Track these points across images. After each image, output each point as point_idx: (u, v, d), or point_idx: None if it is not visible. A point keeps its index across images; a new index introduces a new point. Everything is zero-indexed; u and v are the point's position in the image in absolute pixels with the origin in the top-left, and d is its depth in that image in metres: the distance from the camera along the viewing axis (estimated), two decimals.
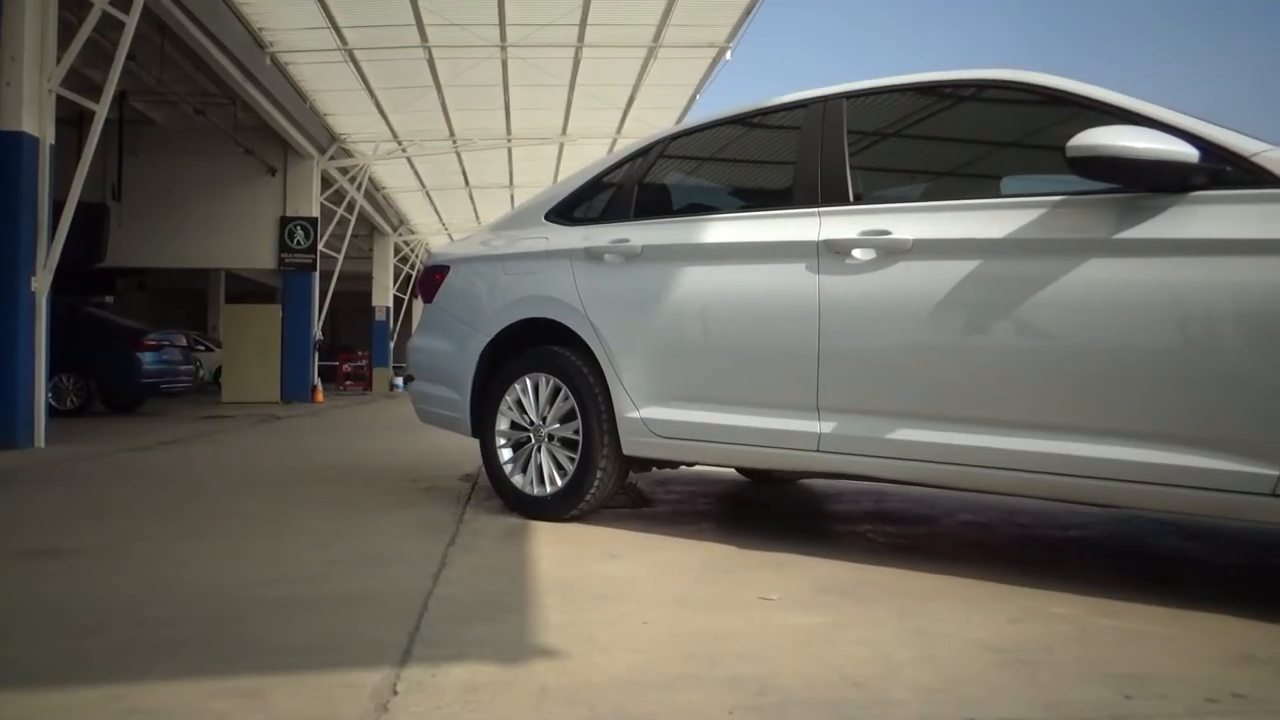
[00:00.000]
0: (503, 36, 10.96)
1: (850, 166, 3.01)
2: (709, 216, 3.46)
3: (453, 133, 14.86)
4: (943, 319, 2.64)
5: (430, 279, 4.24)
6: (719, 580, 2.62)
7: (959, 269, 2.63)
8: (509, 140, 15.18)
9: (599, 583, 2.59)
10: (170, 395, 12.49)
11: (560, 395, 3.54)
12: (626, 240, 3.46)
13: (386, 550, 3.03)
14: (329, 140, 15.00)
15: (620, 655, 1.94)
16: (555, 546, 3.08)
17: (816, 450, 2.90)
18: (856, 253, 2.83)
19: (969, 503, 4.04)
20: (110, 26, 7.70)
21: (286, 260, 14.87)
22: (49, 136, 6.96)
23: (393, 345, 23.70)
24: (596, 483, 3.41)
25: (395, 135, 15.04)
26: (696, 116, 4.24)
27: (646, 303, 3.34)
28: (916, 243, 2.72)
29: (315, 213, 15.00)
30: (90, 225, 12.12)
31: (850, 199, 2.96)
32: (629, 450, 3.37)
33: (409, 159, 16.52)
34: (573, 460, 3.46)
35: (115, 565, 2.81)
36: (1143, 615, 2.24)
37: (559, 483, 3.50)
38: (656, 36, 11.00)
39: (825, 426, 2.88)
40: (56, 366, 8.80)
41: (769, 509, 4.03)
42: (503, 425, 3.70)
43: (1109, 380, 2.38)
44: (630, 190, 3.68)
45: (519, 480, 3.62)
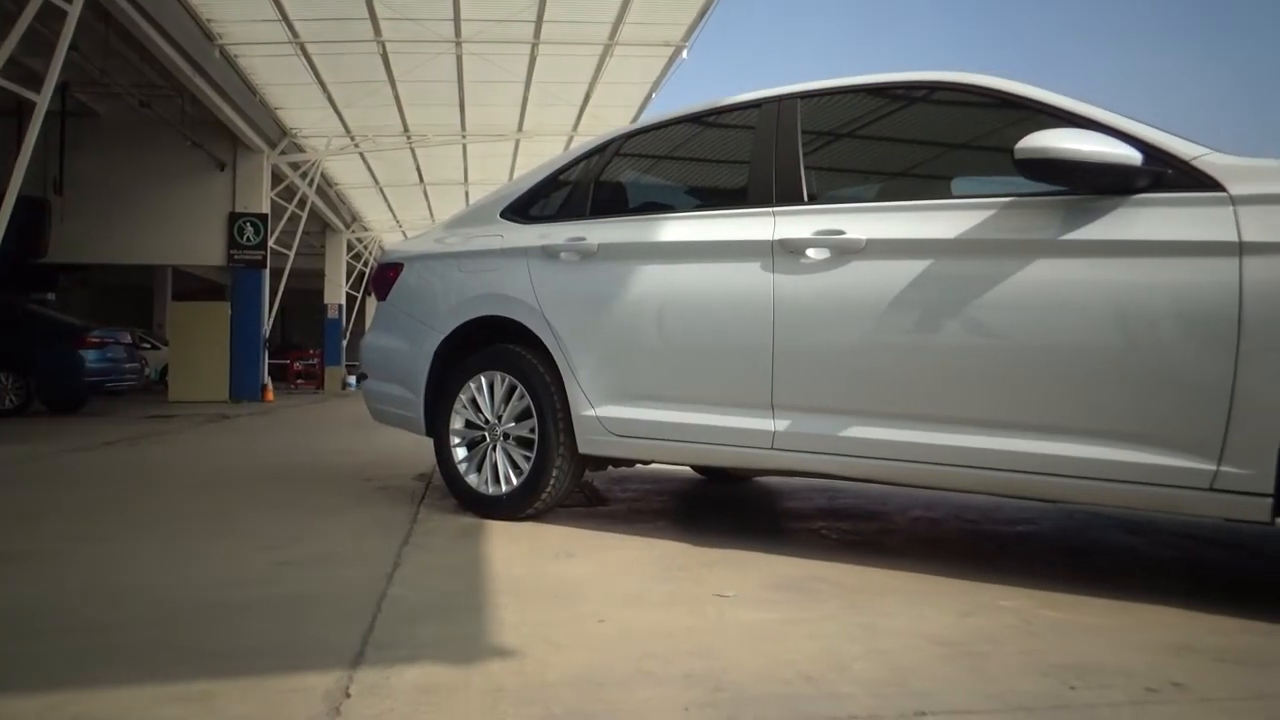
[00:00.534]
0: (458, 32, 10.88)
1: (805, 166, 3.04)
2: (665, 215, 3.47)
3: (407, 129, 14.71)
4: (895, 318, 2.68)
5: (384, 276, 4.20)
6: (674, 578, 2.63)
7: (911, 269, 2.67)
8: (464, 137, 15.06)
9: (554, 582, 2.59)
10: (114, 394, 12.22)
11: (516, 394, 3.53)
12: (583, 238, 3.45)
13: (339, 551, 3.00)
14: (280, 135, 14.75)
15: (576, 654, 1.94)
16: (510, 546, 3.07)
17: (771, 448, 2.93)
18: (811, 252, 2.86)
19: (920, 499, 4.10)
20: (52, 16, 7.50)
21: (236, 257, 14.61)
22: None
23: (345, 343, 23.40)
24: (552, 481, 3.40)
25: (348, 130, 14.85)
26: (652, 115, 4.25)
27: (602, 301, 3.34)
28: (869, 242, 2.75)
29: (266, 209, 14.75)
30: (30, 220, 11.81)
31: (805, 199, 2.99)
32: (585, 449, 3.37)
33: (362, 155, 16.32)
34: (528, 459, 3.45)
35: (56, 569, 2.74)
36: (1086, 608, 2.30)
37: (514, 482, 3.48)
38: (613, 34, 11.00)
39: (780, 424, 2.90)
40: None
41: (724, 507, 4.06)
42: (457, 424, 3.68)
43: (1055, 378, 2.43)
44: (586, 188, 3.67)
45: (474, 479, 3.60)
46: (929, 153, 3.18)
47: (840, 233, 2.81)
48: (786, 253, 2.91)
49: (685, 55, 11.59)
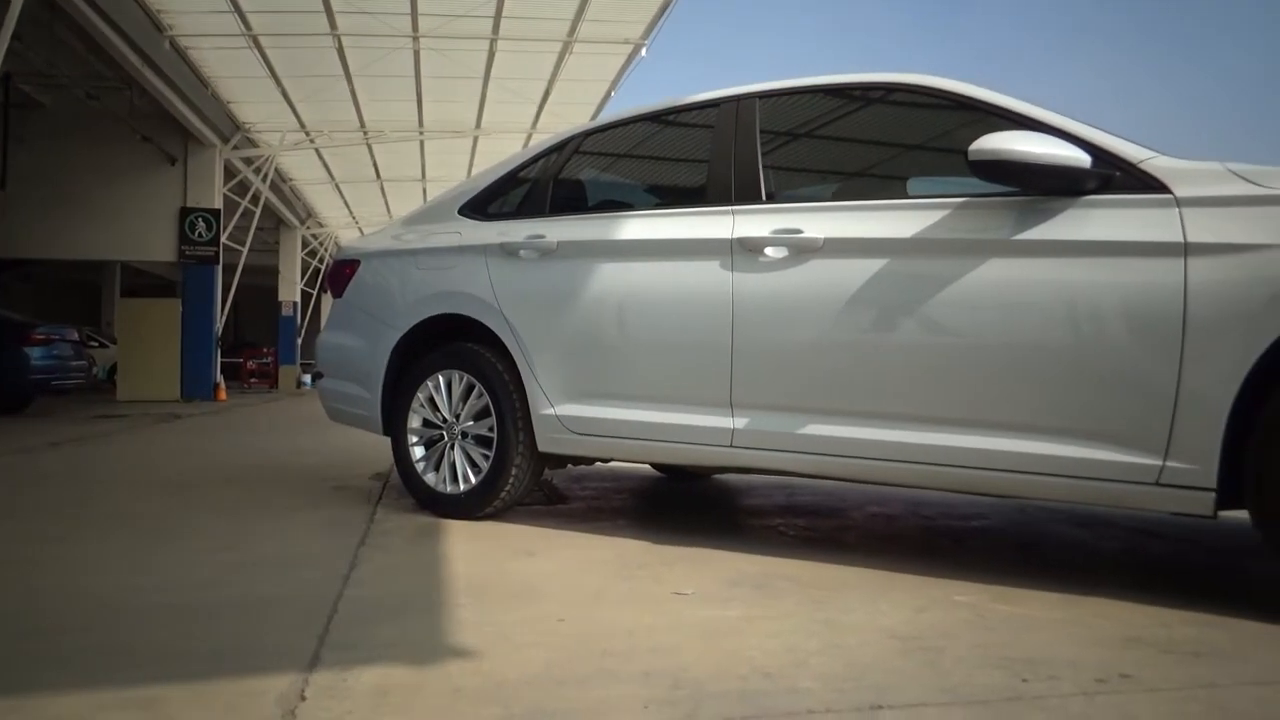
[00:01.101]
0: (415, 27, 10.77)
1: (763, 166, 3.06)
2: (624, 213, 3.47)
3: (363, 124, 14.54)
4: (851, 317, 2.71)
5: (340, 273, 4.15)
6: (634, 576, 2.64)
7: (867, 268, 2.70)
8: (422, 133, 14.93)
9: (514, 580, 2.58)
10: (61, 393, 11.92)
11: (474, 392, 3.50)
12: (542, 236, 3.44)
13: (293, 552, 2.96)
14: (233, 129, 14.49)
15: (535, 653, 1.93)
16: (469, 545, 3.05)
17: (730, 446, 2.94)
18: (769, 251, 2.88)
19: (877, 495, 4.15)
20: None
21: (187, 253, 14.32)
22: None
23: (300, 341, 23.06)
24: (511, 480, 3.38)
25: (303, 125, 14.64)
26: (612, 113, 4.25)
27: (562, 299, 3.33)
28: (827, 241, 2.78)
29: (218, 204, 14.48)
30: None
31: (763, 198, 3.01)
32: (544, 447, 3.36)
33: (318, 150, 16.10)
34: (487, 458, 3.43)
35: (3, 572, 2.66)
36: (1038, 601, 2.34)
37: (473, 480, 3.46)
38: (572, 31, 10.97)
39: (739, 422, 2.92)
40: None
41: (684, 504, 4.07)
42: (415, 423, 3.64)
43: (1008, 376, 2.48)
44: (545, 186, 3.66)
45: (432, 478, 3.57)
46: (886, 153, 3.21)
47: (798, 232, 2.83)
48: (745, 251, 2.92)
49: (645, 53, 11.61)
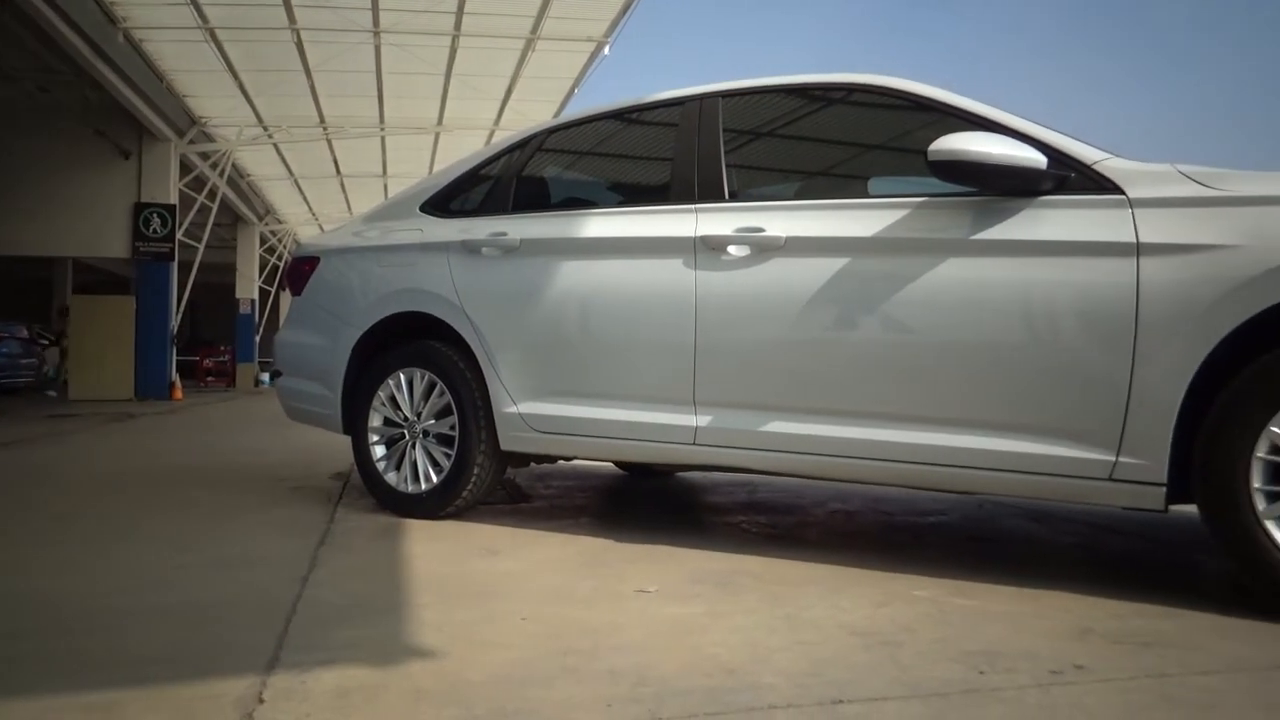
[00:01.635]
0: (376, 21, 10.65)
1: (726, 164, 3.07)
2: (588, 211, 3.47)
3: (323, 119, 14.34)
4: (813, 315, 2.73)
5: (299, 270, 4.09)
6: (597, 574, 2.64)
7: (828, 266, 2.72)
8: (383, 129, 14.77)
9: (476, 580, 2.57)
10: (10, 392, 11.63)
11: (436, 391, 3.48)
12: (504, 234, 3.42)
13: (251, 553, 2.91)
14: (189, 123, 14.22)
15: (498, 652, 1.92)
16: (431, 544, 3.03)
17: (693, 444, 2.95)
18: (732, 249, 2.89)
19: (838, 492, 4.19)
20: None
21: (141, 249, 14.01)
22: None
23: (258, 339, 22.71)
24: (473, 479, 3.37)
25: (261, 120, 14.40)
26: (575, 110, 4.24)
27: (524, 297, 3.32)
28: (789, 240, 2.80)
29: (173, 199, 14.19)
30: None
31: (726, 196, 3.02)
32: (506, 446, 3.35)
33: (276, 146, 15.85)
34: (449, 456, 3.41)
35: None
36: (995, 595, 2.38)
37: (434, 479, 3.44)
38: (534, 28, 10.92)
39: (701, 420, 2.93)
40: None
41: (646, 502, 4.08)
42: (376, 422, 3.61)
43: (966, 373, 2.51)
44: (508, 183, 3.64)
45: (393, 478, 3.54)
46: (847, 153, 3.24)
47: (760, 230, 2.84)
48: (708, 249, 2.93)
49: (607, 51, 11.59)
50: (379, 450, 3.60)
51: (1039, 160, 2.44)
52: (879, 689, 1.71)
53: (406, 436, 3.54)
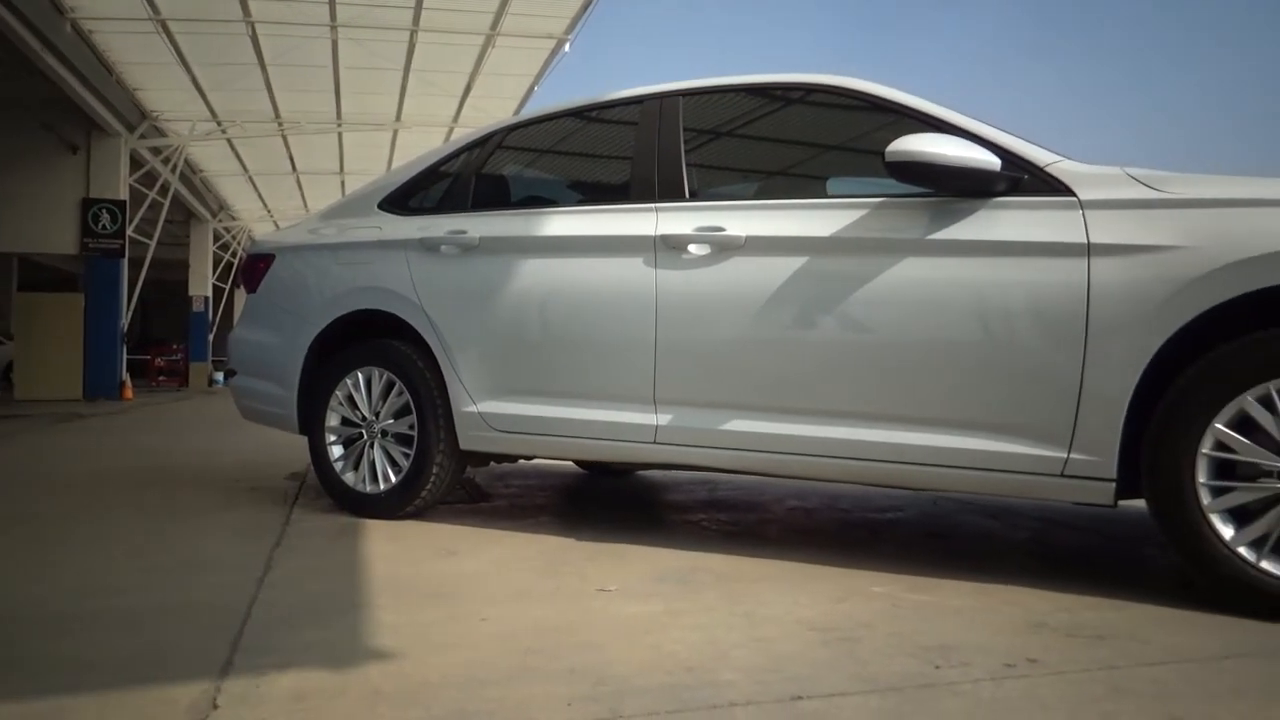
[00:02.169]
0: (333, 15, 10.53)
1: (686, 163, 3.08)
2: (548, 209, 3.46)
3: (278, 115, 14.13)
4: (772, 313, 2.75)
5: (254, 267, 4.03)
6: (557, 573, 2.63)
7: (787, 265, 2.74)
8: (339, 125, 14.59)
9: (435, 580, 2.55)
10: None
11: (394, 390, 3.45)
12: (464, 232, 3.40)
13: (205, 555, 2.86)
14: (139, 117, 13.93)
15: (457, 653, 1.91)
16: (389, 545, 3.00)
17: (653, 442, 2.95)
18: (692, 248, 2.90)
19: (796, 490, 4.22)
20: None
21: (91, 245, 13.69)
22: None
23: (212, 338, 22.32)
24: (432, 479, 3.34)
25: (214, 115, 14.15)
26: (535, 108, 4.22)
27: (484, 295, 3.30)
28: (749, 239, 2.81)
29: (124, 195, 13.89)
30: None
31: (686, 195, 3.03)
32: (466, 445, 3.33)
33: (230, 141, 15.59)
34: (407, 456, 3.38)
35: None
36: (949, 590, 2.42)
37: (393, 479, 3.41)
38: (494, 24, 10.86)
39: (662, 419, 2.94)
40: None
41: (607, 501, 4.08)
42: (333, 421, 3.57)
43: (921, 371, 2.55)
44: (468, 181, 3.62)
45: (350, 478, 3.50)
46: (806, 153, 3.27)
47: (721, 229, 2.86)
48: (668, 248, 2.94)
49: (568, 48, 11.57)
50: (336, 450, 3.56)
51: (993, 162, 2.48)
52: (837, 685, 1.72)
53: (364, 436, 3.50)
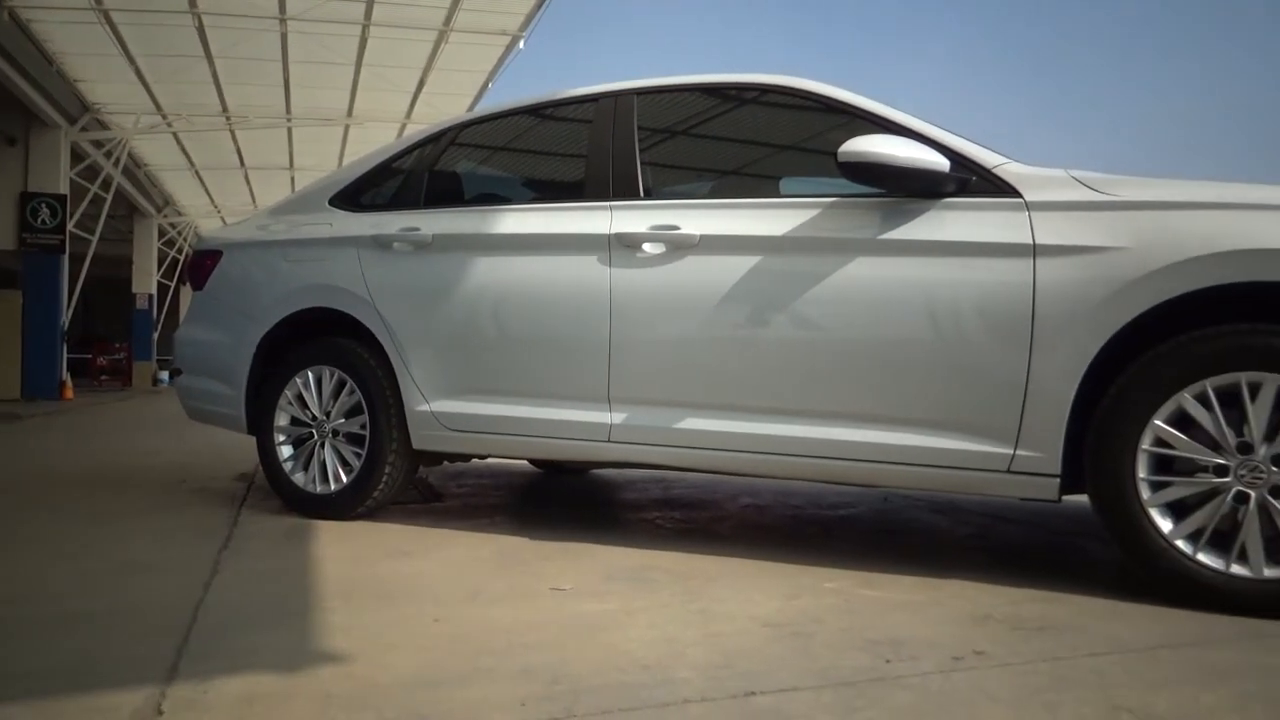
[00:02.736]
0: (282, 8, 10.34)
1: (641, 162, 3.08)
2: (502, 207, 3.43)
3: (226, 108, 13.84)
4: (726, 312, 2.77)
5: (201, 264, 3.95)
6: (511, 573, 2.62)
7: (741, 264, 2.76)
8: (289, 120, 14.33)
9: (387, 582, 2.52)
10: None
11: (346, 389, 3.41)
12: (417, 229, 3.37)
13: (149, 558, 2.80)
14: (81, 109, 13.55)
15: (409, 655, 1.89)
16: (340, 546, 2.96)
17: (608, 441, 2.95)
18: (647, 247, 2.90)
19: (750, 487, 4.25)
20: None
21: (29, 241, 13.27)
22: None
23: (157, 336, 21.82)
24: (385, 478, 3.31)
25: (159, 108, 13.81)
26: (490, 105, 4.19)
27: (437, 293, 3.27)
28: (703, 238, 2.83)
29: (64, 189, 13.50)
30: None
31: (641, 194, 3.04)
32: (419, 444, 3.30)
33: (175, 135, 15.23)
34: (359, 456, 3.34)
35: None
36: (899, 585, 2.46)
37: (344, 479, 3.37)
38: (448, 20, 10.76)
39: (616, 417, 2.94)
40: None
41: (561, 500, 4.07)
42: (282, 421, 3.51)
43: (872, 370, 2.58)
44: (421, 177, 3.59)
45: (300, 478, 3.45)
46: (760, 152, 3.29)
47: (675, 228, 2.87)
48: (623, 247, 2.94)
49: (522, 45, 11.49)
50: (286, 450, 3.51)
51: (942, 163, 2.52)
52: (790, 680, 1.74)
53: (315, 436, 3.45)
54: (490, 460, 4.36)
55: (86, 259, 15.03)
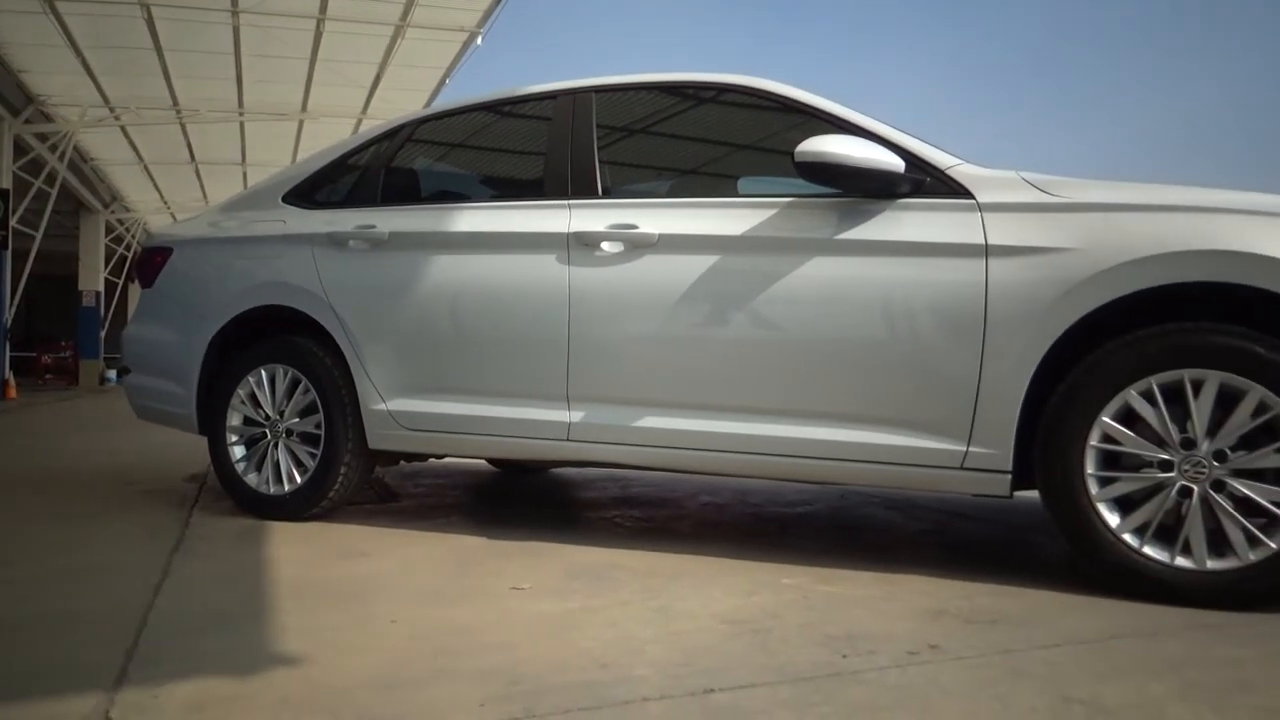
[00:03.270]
0: (234, 1, 10.16)
1: (600, 160, 3.08)
2: (459, 205, 3.40)
3: (176, 102, 13.56)
4: (684, 311, 2.78)
5: (150, 261, 3.87)
6: (470, 573, 2.60)
7: (699, 263, 2.77)
8: (242, 114, 14.09)
9: (344, 583, 2.49)
10: None
11: (300, 388, 3.36)
12: (373, 226, 3.33)
13: (98, 561, 2.74)
14: (24, 101, 13.19)
15: (367, 656, 1.87)
16: (295, 547, 2.92)
17: (566, 439, 2.95)
18: (605, 245, 2.90)
19: (709, 485, 4.27)
20: None
21: None
22: None
23: (104, 334, 21.33)
24: (340, 479, 3.27)
25: (107, 101, 13.50)
26: (447, 101, 4.16)
27: (394, 292, 3.24)
28: (661, 237, 2.83)
29: (6, 183, 13.14)
30: None
31: (599, 192, 3.03)
32: (375, 444, 3.26)
33: (123, 128, 14.90)
34: (314, 456, 3.30)
35: None
36: (856, 581, 2.48)
37: (298, 480, 3.32)
38: (405, 15, 10.66)
39: (575, 416, 2.93)
40: None
41: (520, 499, 4.05)
42: (234, 421, 3.45)
43: (828, 368, 2.61)
44: (377, 174, 3.55)
45: (253, 479, 3.40)
46: (718, 151, 3.31)
47: (634, 227, 2.87)
48: (581, 245, 2.94)
49: (480, 42, 11.43)
50: (238, 450, 3.45)
51: (897, 164, 2.55)
52: (748, 676, 1.75)
53: (268, 436, 3.40)
54: (447, 460, 4.33)
55: (30, 255, 14.65)
